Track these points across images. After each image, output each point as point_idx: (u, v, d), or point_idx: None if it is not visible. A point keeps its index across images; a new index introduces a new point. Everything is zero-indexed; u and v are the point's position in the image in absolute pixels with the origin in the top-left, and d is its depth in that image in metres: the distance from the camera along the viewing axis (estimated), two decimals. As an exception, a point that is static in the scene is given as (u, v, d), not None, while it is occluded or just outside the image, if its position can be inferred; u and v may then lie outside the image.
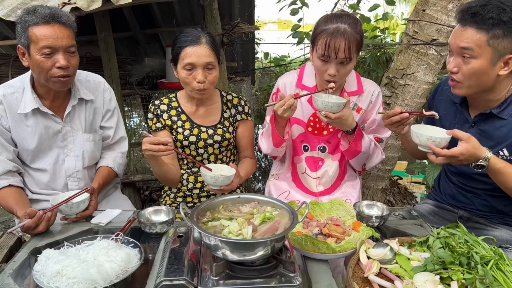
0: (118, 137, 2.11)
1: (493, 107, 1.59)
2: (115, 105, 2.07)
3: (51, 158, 1.89)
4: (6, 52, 3.59)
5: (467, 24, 1.45)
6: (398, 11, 16.82)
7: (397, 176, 3.89)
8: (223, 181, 1.69)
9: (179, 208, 1.27)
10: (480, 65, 1.46)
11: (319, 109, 1.75)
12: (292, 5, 3.90)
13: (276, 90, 2.02)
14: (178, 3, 3.72)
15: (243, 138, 2.09)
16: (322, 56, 1.73)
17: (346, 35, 1.68)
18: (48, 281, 1.16)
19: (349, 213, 1.62)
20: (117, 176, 2.10)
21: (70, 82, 1.80)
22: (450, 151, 1.44)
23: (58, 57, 1.68)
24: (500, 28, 1.40)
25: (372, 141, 1.96)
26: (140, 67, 3.51)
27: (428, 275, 1.13)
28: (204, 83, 1.84)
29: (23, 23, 1.66)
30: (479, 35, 1.42)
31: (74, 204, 1.63)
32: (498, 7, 1.41)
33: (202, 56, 1.81)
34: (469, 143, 1.43)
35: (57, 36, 1.65)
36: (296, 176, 2.10)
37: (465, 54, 1.47)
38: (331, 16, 1.76)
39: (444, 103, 1.81)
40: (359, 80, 1.98)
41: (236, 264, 1.18)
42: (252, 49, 4.80)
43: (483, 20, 1.41)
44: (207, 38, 1.85)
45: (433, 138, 1.46)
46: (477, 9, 1.43)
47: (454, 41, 1.50)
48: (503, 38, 1.41)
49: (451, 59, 1.54)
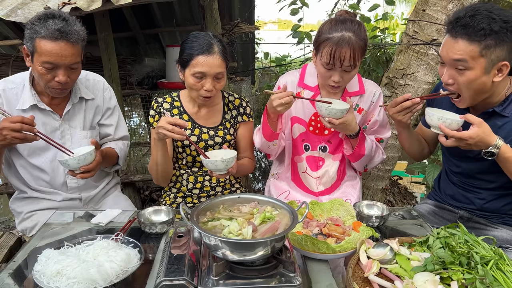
0: (121, 136, 2.11)
1: (495, 106, 1.60)
2: (115, 103, 2.07)
3: (48, 156, 1.89)
4: (6, 52, 3.59)
5: (458, 36, 1.44)
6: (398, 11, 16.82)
7: (397, 176, 3.89)
8: (223, 165, 1.68)
9: (179, 208, 1.27)
10: (475, 75, 1.46)
11: (323, 116, 1.75)
12: (292, 5, 3.91)
13: (277, 88, 2.03)
14: (178, 3, 3.73)
15: (243, 139, 2.09)
16: (327, 64, 1.74)
17: (351, 43, 1.68)
18: (48, 281, 1.16)
19: (349, 213, 1.62)
20: (118, 163, 2.08)
21: (67, 91, 1.82)
22: (460, 133, 1.44)
23: (58, 72, 1.68)
24: (492, 38, 1.40)
25: (374, 141, 1.96)
26: (140, 67, 3.51)
27: (428, 275, 1.13)
28: (212, 91, 1.84)
29: (32, 30, 1.65)
30: (471, 47, 1.42)
31: (81, 157, 1.65)
32: (487, 17, 1.40)
33: (214, 66, 1.79)
34: (480, 128, 1.43)
35: (61, 54, 1.65)
36: (296, 176, 2.10)
37: (459, 66, 1.47)
38: (335, 22, 1.73)
39: (445, 104, 1.81)
40: (360, 81, 1.98)
41: (236, 264, 1.18)
42: (252, 49, 4.80)
43: (474, 31, 1.41)
44: (219, 46, 1.82)
45: (444, 119, 1.47)
46: (467, 21, 1.42)
47: (446, 53, 1.50)
48: (495, 48, 1.41)
49: (444, 71, 1.54)
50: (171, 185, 2.10)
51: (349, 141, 1.96)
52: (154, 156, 1.88)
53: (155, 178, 1.99)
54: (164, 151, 1.83)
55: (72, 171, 1.70)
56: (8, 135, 1.56)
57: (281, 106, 1.70)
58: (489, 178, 1.70)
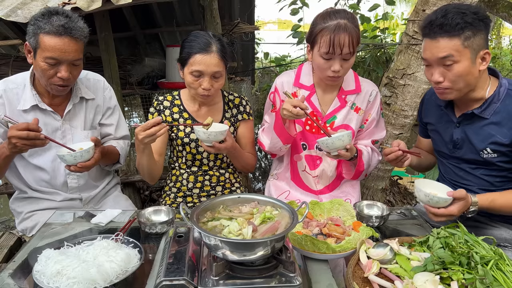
0: (122, 135, 2.10)
1: (475, 108, 1.64)
2: (116, 103, 2.07)
3: (49, 155, 1.89)
4: (6, 52, 3.59)
5: (438, 36, 1.52)
6: (398, 11, 16.81)
7: (397, 176, 3.89)
8: (215, 136, 1.70)
9: (179, 208, 1.27)
10: (463, 67, 1.53)
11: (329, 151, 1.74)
12: (292, 5, 3.90)
13: (274, 89, 2.03)
14: (178, 3, 3.73)
15: (243, 138, 2.09)
16: (326, 53, 1.74)
17: (348, 29, 1.70)
18: (48, 281, 1.16)
19: (349, 213, 1.62)
20: (119, 161, 2.07)
21: (68, 89, 1.82)
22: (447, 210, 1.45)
23: (61, 68, 1.69)
24: (468, 29, 1.49)
25: (368, 147, 1.97)
26: (140, 67, 3.51)
27: (428, 275, 1.13)
28: (209, 90, 1.84)
29: (36, 26, 1.65)
30: (453, 42, 1.50)
31: (77, 154, 1.65)
32: (458, 13, 1.50)
33: (211, 65, 1.80)
34: (464, 199, 1.47)
35: (65, 50, 1.65)
36: (296, 175, 2.10)
37: (446, 62, 1.53)
38: (328, 13, 1.77)
39: (431, 110, 1.87)
40: (357, 79, 1.99)
41: (236, 264, 1.18)
42: (252, 49, 4.80)
43: (451, 27, 1.50)
44: (218, 45, 1.83)
45: (431, 196, 1.44)
46: (442, 20, 1.51)
47: (431, 54, 1.56)
48: (474, 37, 1.50)
49: (433, 71, 1.59)
50: (171, 185, 2.10)
51: (348, 164, 1.99)
52: (141, 161, 1.82)
53: (142, 175, 1.96)
54: (150, 155, 1.81)
55: (69, 166, 1.71)
56: (18, 142, 1.56)
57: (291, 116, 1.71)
58: (487, 179, 1.71)
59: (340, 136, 1.68)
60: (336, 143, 1.68)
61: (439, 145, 1.85)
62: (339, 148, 1.70)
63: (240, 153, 1.97)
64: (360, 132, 2.03)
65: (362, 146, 1.97)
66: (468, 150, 1.70)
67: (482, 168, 1.70)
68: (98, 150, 1.76)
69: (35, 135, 1.56)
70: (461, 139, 1.71)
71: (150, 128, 1.61)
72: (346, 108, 1.95)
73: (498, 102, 1.61)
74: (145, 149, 1.75)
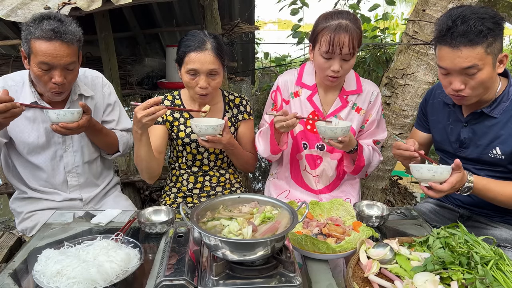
0: (125, 128, 2.09)
1: (484, 107, 1.63)
2: (115, 99, 2.07)
3: (48, 154, 1.89)
4: (6, 52, 3.59)
5: (461, 45, 1.44)
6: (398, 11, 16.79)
7: (397, 176, 3.89)
8: (206, 130, 1.69)
9: (179, 208, 1.27)
10: (486, 73, 1.49)
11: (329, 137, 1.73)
12: (292, 5, 3.91)
13: (276, 88, 2.04)
14: (178, 3, 3.73)
15: (243, 138, 2.09)
16: (326, 52, 1.74)
17: (349, 30, 1.71)
18: (48, 281, 1.16)
19: (349, 213, 1.62)
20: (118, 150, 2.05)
21: (65, 95, 1.81)
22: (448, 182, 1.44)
23: (54, 73, 1.67)
24: (490, 35, 1.44)
25: (370, 146, 1.97)
26: (140, 67, 3.51)
27: (428, 275, 1.13)
28: (206, 89, 1.84)
29: (27, 32, 1.65)
30: (477, 50, 1.44)
31: (61, 112, 1.64)
32: (479, 19, 1.43)
33: (206, 63, 1.80)
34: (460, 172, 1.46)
35: (56, 54, 1.64)
36: (296, 174, 2.10)
37: (470, 72, 1.48)
38: (330, 13, 1.78)
39: (437, 106, 1.84)
40: (358, 80, 1.99)
41: (236, 264, 1.18)
42: (252, 49, 4.80)
43: (474, 36, 1.42)
44: (213, 43, 1.82)
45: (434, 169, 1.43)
46: (463, 28, 1.43)
47: (452, 64, 1.48)
48: (494, 43, 1.46)
49: (452, 80, 1.53)
50: (171, 185, 2.10)
51: (348, 157, 1.98)
52: (139, 152, 1.80)
53: (140, 171, 1.92)
54: (149, 145, 1.78)
55: (52, 125, 1.68)
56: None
57: (284, 128, 1.73)
58: (486, 176, 1.71)
59: (333, 128, 1.68)
60: (327, 132, 1.69)
61: (442, 143, 1.83)
62: (331, 137, 1.70)
63: (239, 151, 1.97)
64: (361, 133, 2.03)
65: (364, 143, 1.97)
66: (475, 150, 1.69)
67: (486, 169, 1.68)
68: (86, 118, 1.73)
69: (11, 105, 1.54)
70: (468, 138, 1.69)
71: (150, 107, 1.61)
72: (347, 108, 1.96)
73: (508, 101, 1.60)
74: (143, 136, 1.71)
